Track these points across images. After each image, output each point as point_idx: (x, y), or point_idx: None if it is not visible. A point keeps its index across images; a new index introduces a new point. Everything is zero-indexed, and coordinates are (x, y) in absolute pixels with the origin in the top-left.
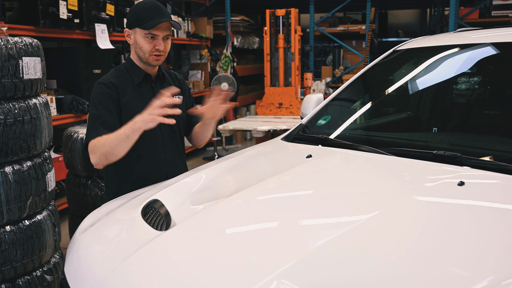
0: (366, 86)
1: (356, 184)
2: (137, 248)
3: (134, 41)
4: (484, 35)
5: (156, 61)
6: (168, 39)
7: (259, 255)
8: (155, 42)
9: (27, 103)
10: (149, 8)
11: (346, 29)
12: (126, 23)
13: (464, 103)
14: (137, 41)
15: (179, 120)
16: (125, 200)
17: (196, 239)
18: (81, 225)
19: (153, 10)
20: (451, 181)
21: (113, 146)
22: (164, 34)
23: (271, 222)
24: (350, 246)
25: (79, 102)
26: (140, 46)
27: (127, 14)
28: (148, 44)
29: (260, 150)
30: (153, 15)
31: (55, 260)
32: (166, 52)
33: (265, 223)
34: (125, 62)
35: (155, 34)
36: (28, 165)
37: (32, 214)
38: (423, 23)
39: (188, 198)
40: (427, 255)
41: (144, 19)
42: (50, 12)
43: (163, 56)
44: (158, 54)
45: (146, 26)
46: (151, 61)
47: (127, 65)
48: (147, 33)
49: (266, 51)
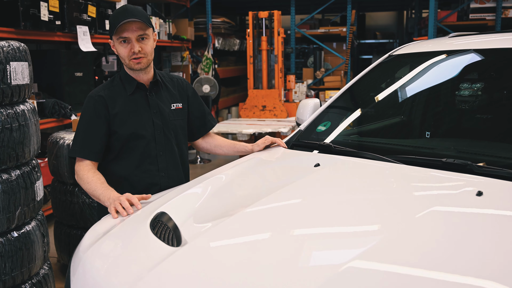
0: (364, 91)
1: (375, 195)
2: (154, 265)
3: (116, 50)
4: (479, 41)
5: (138, 64)
6: (145, 39)
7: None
8: (129, 46)
9: (15, 110)
10: (119, 12)
11: (327, 31)
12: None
13: (468, 109)
14: (117, 49)
15: (176, 129)
16: None
17: (216, 256)
18: (84, 241)
19: (121, 14)
20: (468, 190)
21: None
22: (135, 35)
23: (293, 238)
24: (382, 261)
25: (61, 106)
26: (119, 53)
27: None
28: (124, 49)
29: (263, 157)
30: (121, 18)
31: (44, 272)
32: (146, 53)
33: (286, 239)
34: (120, 72)
35: (126, 37)
36: (16, 174)
37: (21, 224)
38: (400, 25)
39: (196, 210)
40: (458, 268)
41: (114, 25)
42: (31, 13)
43: (144, 58)
44: (136, 57)
45: (115, 31)
46: (133, 66)
47: (122, 75)
48: (118, 37)
49: (249, 53)
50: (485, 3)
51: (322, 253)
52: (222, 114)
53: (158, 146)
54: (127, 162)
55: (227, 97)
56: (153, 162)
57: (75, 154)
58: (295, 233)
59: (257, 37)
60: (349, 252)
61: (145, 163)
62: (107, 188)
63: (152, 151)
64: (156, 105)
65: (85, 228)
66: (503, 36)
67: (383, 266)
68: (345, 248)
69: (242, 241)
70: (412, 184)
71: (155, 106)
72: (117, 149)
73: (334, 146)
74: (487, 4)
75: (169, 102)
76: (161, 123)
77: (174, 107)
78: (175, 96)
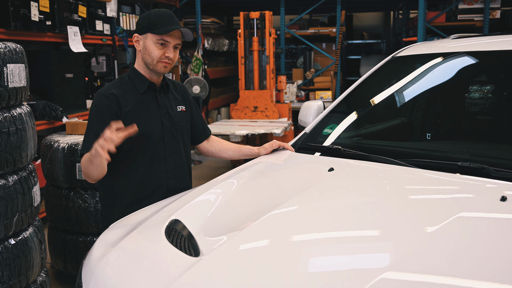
0: (369, 93)
1: (398, 203)
2: (176, 277)
3: (143, 47)
4: (484, 43)
5: (164, 68)
6: (177, 49)
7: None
8: (166, 49)
9: (12, 113)
10: (164, 15)
11: (317, 31)
12: (136, 29)
13: (479, 111)
14: (146, 47)
15: (183, 131)
16: (136, 219)
17: (241, 267)
18: (93, 251)
19: (167, 18)
20: (491, 195)
21: (84, 169)
22: (175, 43)
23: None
24: (414, 271)
25: (52, 108)
26: (150, 51)
27: (138, 20)
28: (158, 50)
29: (272, 160)
30: (168, 22)
31: (41, 279)
32: (174, 61)
33: (313, 250)
34: (128, 71)
35: (167, 41)
36: (13, 180)
37: (18, 231)
38: (387, 25)
39: (210, 218)
40: (492, 276)
41: (158, 25)
42: (21, 14)
43: (170, 65)
44: (167, 62)
45: (160, 31)
46: (159, 68)
47: (131, 74)
48: (159, 38)
49: (240, 54)
50: (473, 4)
51: (351, 265)
52: (212, 115)
53: (166, 147)
54: (136, 163)
55: (216, 97)
56: (161, 163)
57: (83, 151)
58: (321, 244)
59: (248, 37)
60: (380, 263)
61: (154, 164)
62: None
63: (161, 152)
64: (165, 106)
65: (80, 233)
66: (507, 38)
67: (416, 276)
68: (375, 259)
69: (266, 251)
70: (432, 189)
71: (164, 107)
72: (126, 149)
73: (345, 149)
74: (475, 5)
75: (175, 104)
76: (169, 124)
77: (179, 109)
78: (179, 100)
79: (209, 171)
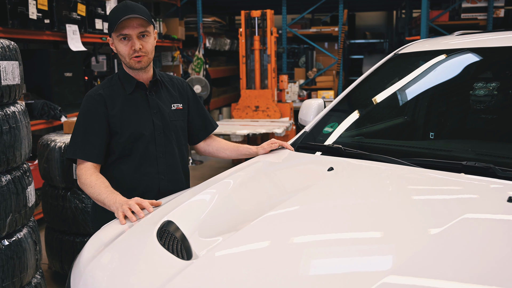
0: (370, 91)
1: (401, 204)
2: (166, 281)
3: (115, 48)
4: (488, 39)
5: (138, 63)
6: (146, 37)
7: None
8: (130, 43)
9: (5, 112)
10: (118, 9)
11: (319, 30)
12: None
13: (484, 109)
14: (116, 48)
15: (177, 130)
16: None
17: (233, 270)
18: (84, 252)
19: (121, 10)
20: (498, 196)
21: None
22: (136, 32)
23: (318, 251)
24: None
25: (51, 107)
26: (119, 51)
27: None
28: (124, 47)
29: (271, 160)
30: (121, 15)
31: (36, 281)
32: (147, 51)
33: (311, 253)
34: (118, 71)
35: (126, 34)
36: (7, 179)
37: (12, 232)
38: (389, 25)
39: (204, 219)
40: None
41: (114, 22)
42: (19, 12)
43: (145, 57)
44: (137, 55)
45: (117, 27)
46: (133, 64)
47: (120, 74)
48: (118, 35)
49: (241, 53)
50: (477, 2)
51: (351, 269)
52: (213, 114)
53: (158, 147)
54: (126, 165)
55: (218, 97)
56: (153, 164)
57: (76, 156)
58: (319, 246)
59: (250, 36)
60: (382, 266)
61: (145, 165)
62: (112, 192)
63: (152, 153)
64: (156, 105)
65: (77, 234)
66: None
67: (420, 281)
68: (376, 262)
69: (263, 253)
70: (436, 189)
71: (155, 106)
72: (115, 150)
73: (345, 148)
74: (478, 3)
75: (169, 102)
76: (161, 123)
77: (174, 107)
78: (175, 97)
79: (210, 171)
